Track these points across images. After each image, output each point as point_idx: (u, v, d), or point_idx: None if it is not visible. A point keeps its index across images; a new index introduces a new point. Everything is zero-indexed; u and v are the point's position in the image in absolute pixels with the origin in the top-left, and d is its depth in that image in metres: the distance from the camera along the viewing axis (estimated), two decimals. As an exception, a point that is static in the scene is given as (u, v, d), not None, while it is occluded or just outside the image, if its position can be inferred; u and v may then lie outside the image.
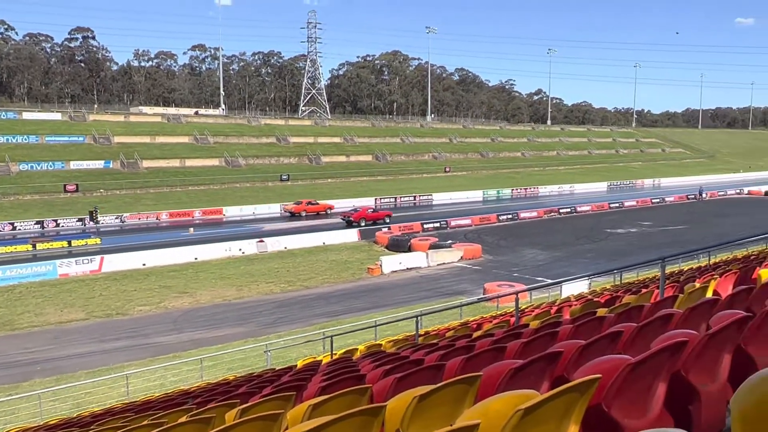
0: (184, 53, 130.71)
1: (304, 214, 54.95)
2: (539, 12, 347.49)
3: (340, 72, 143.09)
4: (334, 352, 14.13)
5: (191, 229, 46.37)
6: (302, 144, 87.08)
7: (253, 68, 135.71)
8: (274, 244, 40.01)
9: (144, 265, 34.83)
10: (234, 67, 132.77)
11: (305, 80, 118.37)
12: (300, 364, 12.73)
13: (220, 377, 15.99)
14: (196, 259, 36.59)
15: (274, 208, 58.08)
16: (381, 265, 34.95)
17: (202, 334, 24.15)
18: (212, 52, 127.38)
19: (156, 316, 26.76)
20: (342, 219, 49.87)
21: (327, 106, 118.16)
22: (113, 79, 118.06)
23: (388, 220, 49.78)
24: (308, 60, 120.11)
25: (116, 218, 50.14)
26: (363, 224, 47.97)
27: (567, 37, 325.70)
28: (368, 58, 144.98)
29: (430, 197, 67.76)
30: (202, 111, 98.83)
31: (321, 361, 11.63)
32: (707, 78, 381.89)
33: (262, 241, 39.99)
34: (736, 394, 1.74)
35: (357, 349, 14.16)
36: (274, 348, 19.94)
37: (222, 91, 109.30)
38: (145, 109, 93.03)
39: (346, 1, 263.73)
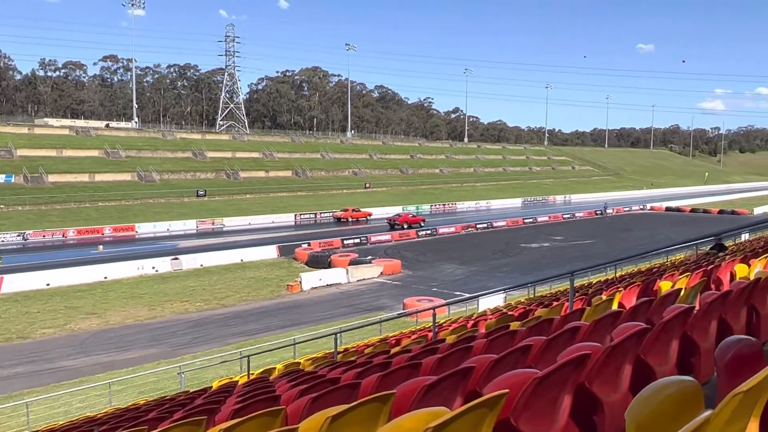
0: (95, 64, 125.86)
1: (350, 219, 62.41)
2: (456, 32, 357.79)
3: (259, 87, 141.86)
4: (251, 372, 13.81)
5: (101, 246, 44.33)
6: (219, 159, 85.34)
7: (168, 81, 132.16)
8: (189, 261, 38.84)
9: (48, 285, 32.92)
10: (148, 80, 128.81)
11: (223, 94, 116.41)
12: (215, 385, 12.35)
13: (130, 402, 15.26)
14: (105, 278, 34.95)
15: (190, 224, 56.50)
16: (300, 282, 34.59)
17: (111, 356, 23.01)
18: (125, 63, 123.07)
19: (61, 339, 25.28)
20: (387, 223, 58.63)
21: (245, 121, 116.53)
22: (16, 89, 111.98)
23: (422, 224, 58.99)
24: (226, 74, 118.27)
25: (18, 236, 47.26)
26: (405, 227, 56.75)
27: (483, 57, 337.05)
28: (288, 73, 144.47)
29: (350, 213, 67.79)
30: (113, 124, 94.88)
31: (237, 381, 11.33)
32: (613, 100, 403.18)
33: (176, 258, 38.73)
34: (631, 405, 1.81)
35: (275, 368, 13.90)
36: (189, 369, 19.27)
37: (135, 104, 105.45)
38: (52, 120, 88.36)
39: (265, 16, 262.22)
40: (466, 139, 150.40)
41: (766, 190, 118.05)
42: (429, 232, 54.23)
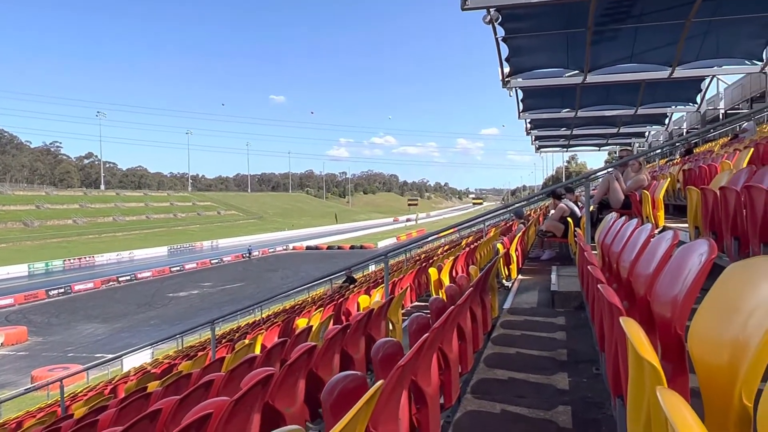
0: None
1: None
2: (84, 74, 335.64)
3: None
4: None
5: None
6: None
7: None
8: None
9: None
10: None
11: None
12: None
13: None
14: None
15: None
16: None
17: None
18: None
19: None
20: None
21: None
22: None
23: None
24: None
25: None
26: None
27: (117, 101, 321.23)
28: None
29: (-43, 277, 56.81)
30: None
31: None
32: (253, 146, 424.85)
33: None
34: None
35: None
36: None
37: None
38: None
39: None
40: (102, 187, 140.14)
41: (386, 226, 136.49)
42: (62, 290, 48.53)
